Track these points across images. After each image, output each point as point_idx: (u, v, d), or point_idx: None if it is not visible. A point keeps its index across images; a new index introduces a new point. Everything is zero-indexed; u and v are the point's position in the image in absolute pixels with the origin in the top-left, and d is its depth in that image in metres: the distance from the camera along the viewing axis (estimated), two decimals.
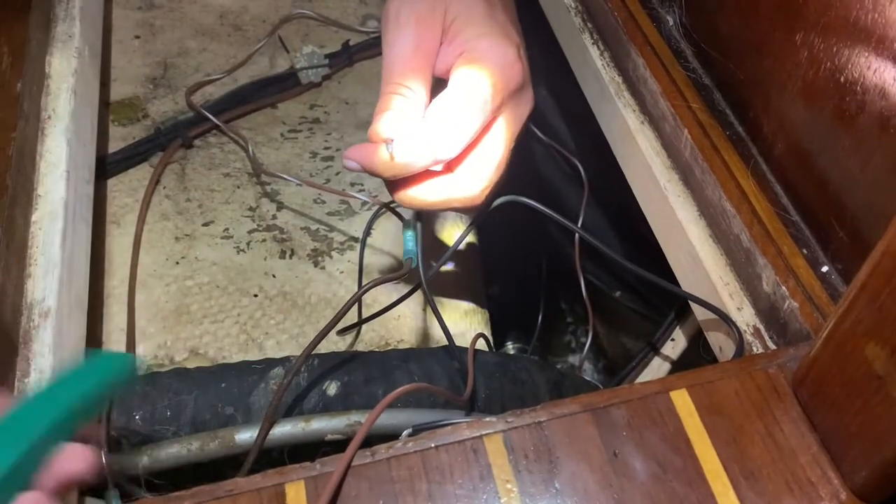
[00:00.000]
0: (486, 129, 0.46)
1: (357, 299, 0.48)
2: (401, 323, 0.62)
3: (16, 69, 0.50)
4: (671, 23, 0.51)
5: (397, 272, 0.51)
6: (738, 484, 0.35)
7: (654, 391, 0.37)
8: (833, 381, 0.34)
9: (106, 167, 0.65)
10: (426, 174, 0.46)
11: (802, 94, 0.40)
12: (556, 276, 0.95)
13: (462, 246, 0.71)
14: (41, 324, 0.43)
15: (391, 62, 0.47)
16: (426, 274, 0.50)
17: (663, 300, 0.67)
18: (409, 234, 0.56)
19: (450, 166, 0.47)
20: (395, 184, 0.47)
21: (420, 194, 0.47)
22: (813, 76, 0.39)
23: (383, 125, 0.45)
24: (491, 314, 0.77)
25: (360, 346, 0.61)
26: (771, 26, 0.42)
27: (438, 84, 0.48)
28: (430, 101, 0.47)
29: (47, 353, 0.42)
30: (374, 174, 0.46)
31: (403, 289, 0.58)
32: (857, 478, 0.34)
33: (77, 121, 0.53)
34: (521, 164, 0.85)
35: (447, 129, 0.44)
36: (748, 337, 0.42)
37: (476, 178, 0.46)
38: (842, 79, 0.37)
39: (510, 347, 0.92)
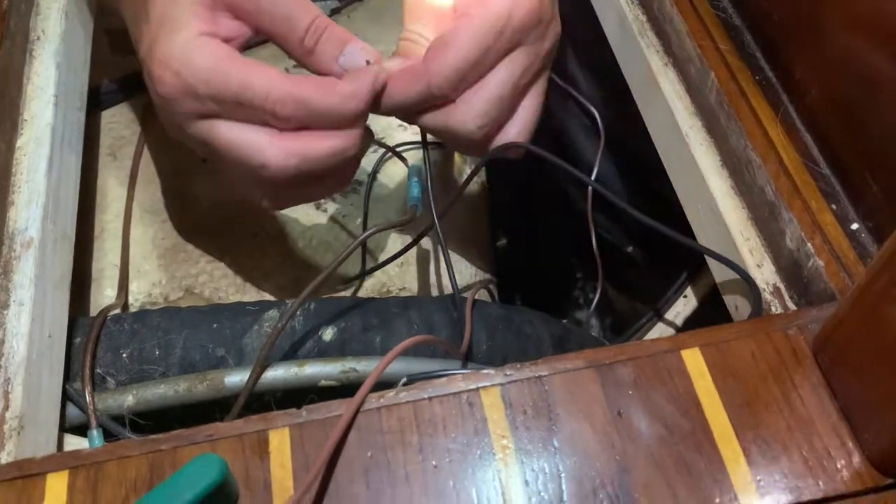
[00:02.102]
0: (493, 64, 0.43)
1: (358, 246, 0.46)
2: (403, 271, 0.60)
3: None
4: None
5: (401, 219, 0.49)
6: (749, 451, 0.33)
7: (665, 349, 0.35)
8: (859, 347, 0.32)
9: (103, 97, 0.62)
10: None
11: (844, 33, 0.37)
12: (567, 229, 0.93)
13: (470, 196, 0.69)
14: (23, 254, 0.41)
15: (405, 10, 0.46)
16: (438, 215, 0.48)
17: (677, 257, 0.65)
18: (415, 180, 0.53)
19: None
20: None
21: (421, 121, 0.46)
22: (858, 12, 0.36)
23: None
24: (499, 267, 0.75)
25: (360, 294, 0.59)
26: None
27: None
28: None
29: (28, 284, 0.40)
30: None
31: (407, 236, 0.56)
32: (879, 450, 0.32)
33: (68, 44, 0.50)
34: None
35: (437, 59, 0.42)
36: (767, 296, 0.40)
37: (472, 112, 0.44)
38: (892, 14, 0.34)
39: (517, 301, 0.90)
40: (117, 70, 0.64)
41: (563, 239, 0.94)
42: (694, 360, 0.35)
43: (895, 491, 0.32)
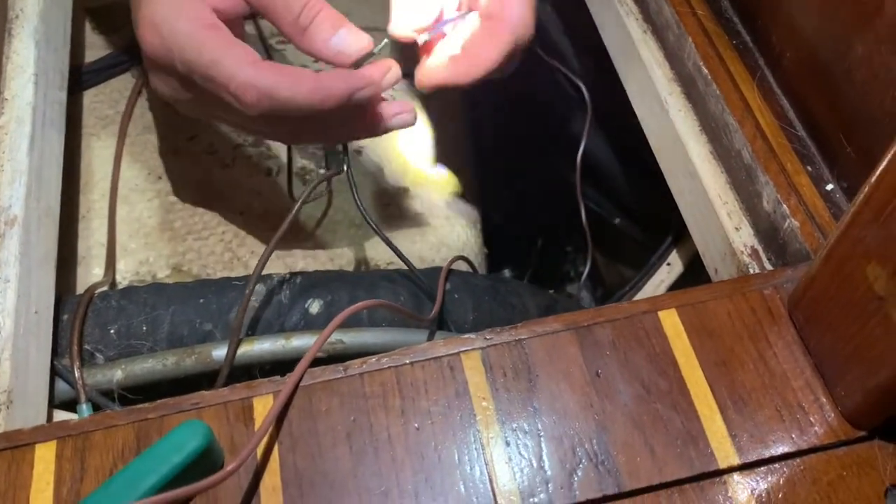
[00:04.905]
0: None
1: (300, 208, 0.47)
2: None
3: None
4: None
5: (330, 171, 0.49)
6: (725, 408, 0.33)
7: (642, 310, 0.35)
8: (831, 303, 0.32)
9: (86, 77, 0.62)
10: None
11: None
12: (555, 202, 0.93)
13: (459, 171, 0.69)
14: (6, 232, 0.41)
15: None
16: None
17: (662, 226, 0.65)
18: None
19: None
20: None
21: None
22: None
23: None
24: (488, 239, 0.75)
25: (348, 267, 0.59)
26: None
27: None
28: None
29: (13, 261, 0.40)
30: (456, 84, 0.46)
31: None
32: (850, 403, 0.32)
33: (47, 22, 0.50)
34: (521, 87, 0.82)
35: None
36: (745, 258, 0.40)
37: (530, 16, 0.45)
38: None
39: (507, 274, 0.91)
40: (100, 49, 0.64)
41: (553, 213, 0.94)
42: (671, 320, 0.35)
43: (867, 443, 0.32)
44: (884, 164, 0.28)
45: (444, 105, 0.72)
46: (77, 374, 0.43)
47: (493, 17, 0.44)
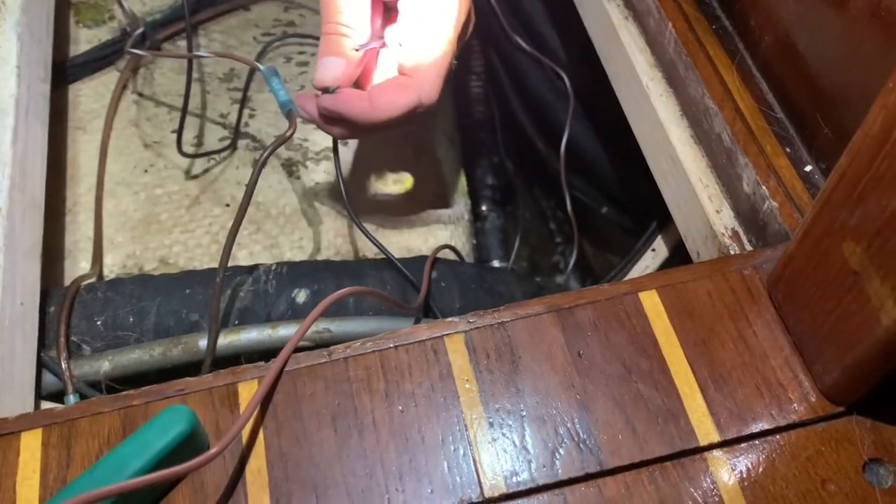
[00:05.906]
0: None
1: (259, 172, 0.46)
2: (379, 234, 0.61)
3: None
4: None
5: (285, 133, 0.48)
6: (705, 386, 0.34)
7: (623, 292, 0.36)
8: (808, 280, 0.33)
9: (70, 71, 0.62)
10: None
11: None
12: (543, 193, 0.93)
13: (446, 163, 0.69)
14: None
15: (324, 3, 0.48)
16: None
17: (648, 214, 0.65)
18: (275, 80, 0.51)
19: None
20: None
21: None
22: None
23: (329, 72, 0.47)
24: (476, 230, 0.76)
25: (336, 258, 0.59)
26: None
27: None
28: (374, 30, 0.49)
29: None
30: (353, 120, 0.46)
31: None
32: (829, 379, 0.33)
33: (29, 15, 0.50)
34: (508, 77, 0.82)
35: (429, 74, 0.45)
36: (726, 240, 0.40)
37: (437, 85, 0.47)
38: None
39: (495, 264, 0.91)
40: (84, 44, 0.64)
41: (541, 204, 0.95)
42: (651, 301, 0.35)
43: (845, 419, 0.33)
44: (856, 141, 0.28)
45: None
46: (64, 365, 0.43)
47: (407, 74, 0.47)
